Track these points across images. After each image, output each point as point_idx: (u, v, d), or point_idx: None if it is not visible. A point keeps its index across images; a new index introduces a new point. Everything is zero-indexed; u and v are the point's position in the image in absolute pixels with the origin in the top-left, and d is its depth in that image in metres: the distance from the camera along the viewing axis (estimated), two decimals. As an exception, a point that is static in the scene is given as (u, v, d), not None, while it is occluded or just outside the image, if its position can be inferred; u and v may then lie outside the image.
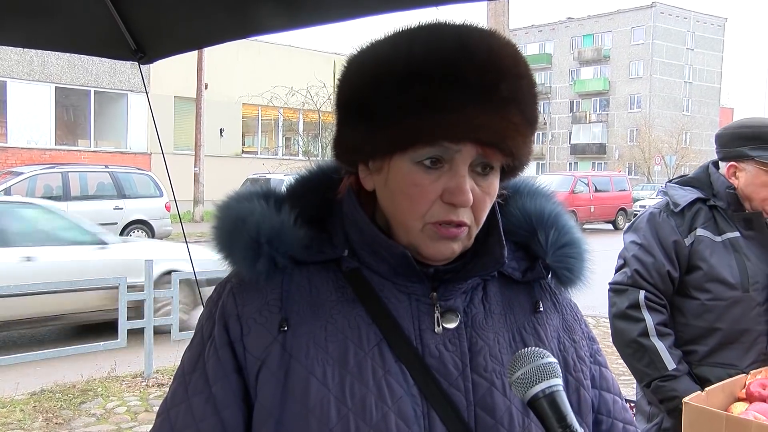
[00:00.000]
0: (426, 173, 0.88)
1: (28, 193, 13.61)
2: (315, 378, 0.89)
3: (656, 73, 64.39)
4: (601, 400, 1.03)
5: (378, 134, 0.88)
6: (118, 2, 2.05)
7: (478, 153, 0.88)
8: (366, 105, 0.89)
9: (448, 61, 0.85)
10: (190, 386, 0.93)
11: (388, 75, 0.87)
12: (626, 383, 6.05)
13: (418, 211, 0.90)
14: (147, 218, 14.64)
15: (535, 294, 1.04)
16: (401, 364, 0.91)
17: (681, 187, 2.35)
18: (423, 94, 0.85)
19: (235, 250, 0.96)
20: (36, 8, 2.08)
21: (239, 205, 0.98)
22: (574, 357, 1.01)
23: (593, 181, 24.70)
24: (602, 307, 2.62)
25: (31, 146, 21.44)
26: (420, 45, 0.87)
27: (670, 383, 2.17)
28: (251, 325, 0.93)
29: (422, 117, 0.85)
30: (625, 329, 2.26)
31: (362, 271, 0.96)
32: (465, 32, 0.89)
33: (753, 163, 2.22)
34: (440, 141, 0.86)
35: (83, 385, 5.59)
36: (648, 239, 2.26)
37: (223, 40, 2.26)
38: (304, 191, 1.02)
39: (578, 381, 1.00)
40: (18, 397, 5.28)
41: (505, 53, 0.89)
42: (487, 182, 0.91)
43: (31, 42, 2.54)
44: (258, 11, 1.94)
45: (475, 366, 0.93)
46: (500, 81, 0.86)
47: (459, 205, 0.88)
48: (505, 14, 8.35)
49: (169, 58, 2.37)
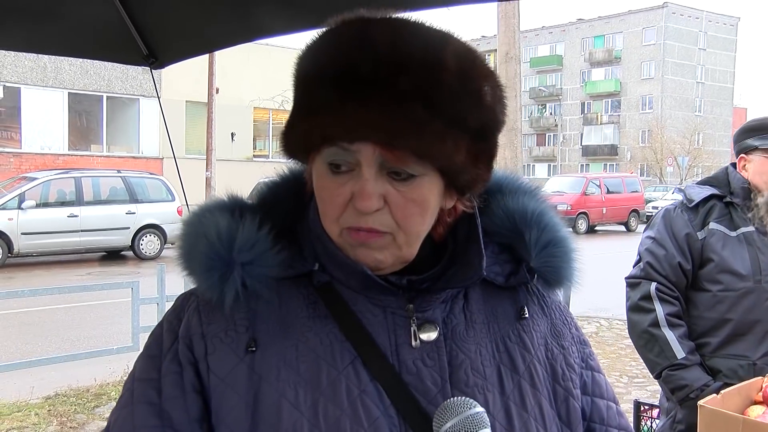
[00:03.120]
0: (334, 176, 0.84)
1: (42, 199, 13.74)
2: (287, 401, 0.83)
3: (668, 73, 64.00)
4: (594, 407, 0.98)
5: (288, 134, 0.87)
6: (130, 8, 2.07)
7: (380, 153, 0.80)
8: (294, 103, 0.87)
9: (346, 57, 0.80)
10: (136, 394, 0.88)
11: (297, 73, 0.86)
12: (640, 386, 6.01)
13: (331, 215, 0.85)
14: (159, 222, 14.71)
15: (520, 299, 0.98)
16: (377, 382, 0.85)
17: (698, 186, 2.42)
18: (322, 92, 0.81)
19: (197, 270, 0.89)
20: (50, 14, 2.09)
21: (201, 220, 0.91)
22: (563, 365, 0.97)
23: (605, 183, 24.59)
24: (615, 309, 2.63)
25: (45, 152, 21.61)
26: (325, 41, 0.84)
27: (680, 372, 2.21)
28: (216, 344, 0.87)
29: (313, 118, 0.82)
30: (638, 320, 2.32)
31: (334, 285, 0.90)
32: (375, 25, 0.83)
33: (758, 153, 2.30)
34: (335, 141, 0.81)
35: (97, 389, 5.62)
36: (661, 233, 2.34)
37: (233, 43, 2.27)
38: (276, 199, 0.96)
39: (567, 390, 0.95)
40: (33, 401, 5.31)
41: (419, 44, 0.81)
42: (408, 187, 0.83)
43: (45, 47, 2.57)
44: (267, 14, 1.95)
45: (455, 381, 0.88)
46: (400, 74, 0.78)
47: (361, 210, 0.82)
48: (515, 16, 8.33)
49: (180, 63, 2.38)
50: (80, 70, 22.12)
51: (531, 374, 0.93)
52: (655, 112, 62.53)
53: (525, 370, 0.93)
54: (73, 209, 13.89)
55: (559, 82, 70.90)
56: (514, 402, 0.91)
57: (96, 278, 11.89)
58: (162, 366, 0.88)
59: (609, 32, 68.04)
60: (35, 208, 13.47)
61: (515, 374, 0.93)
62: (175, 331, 0.90)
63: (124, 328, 6.57)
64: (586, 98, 69.31)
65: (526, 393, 0.92)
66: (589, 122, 68.68)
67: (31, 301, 7.97)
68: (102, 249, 14.70)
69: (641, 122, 63.91)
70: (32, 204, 13.46)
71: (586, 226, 22.97)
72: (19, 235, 13.18)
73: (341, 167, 0.83)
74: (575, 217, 22.50)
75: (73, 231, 13.78)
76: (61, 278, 11.73)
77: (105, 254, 14.93)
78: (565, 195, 23.18)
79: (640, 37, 65.37)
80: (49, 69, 21.63)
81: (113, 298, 8.09)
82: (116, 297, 7.80)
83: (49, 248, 13.78)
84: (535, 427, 0.90)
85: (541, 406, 0.92)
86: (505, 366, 0.93)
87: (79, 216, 13.86)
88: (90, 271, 13.00)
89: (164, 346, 0.90)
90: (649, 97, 64.74)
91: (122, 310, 7.17)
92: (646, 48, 65.02)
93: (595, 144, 67.65)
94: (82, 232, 13.89)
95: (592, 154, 67.35)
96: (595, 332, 7.58)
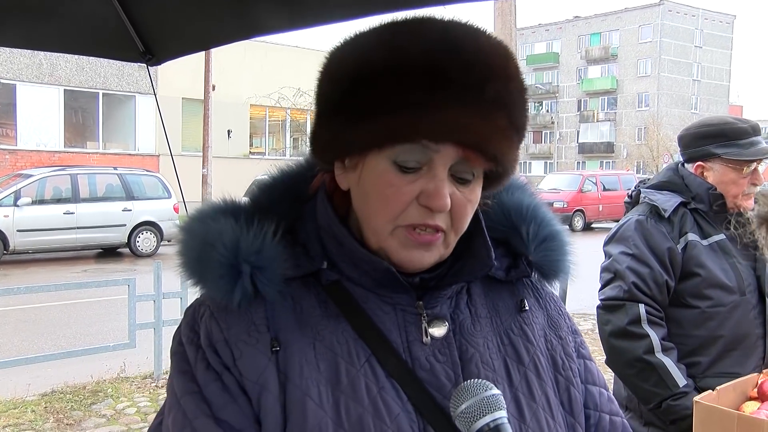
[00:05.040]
0: (403, 174, 0.83)
1: (38, 195, 13.71)
2: (311, 399, 0.83)
3: (664, 71, 64.05)
4: (588, 394, 1.00)
5: (355, 129, 0.83)
6: (127, 4, 2.06)
7: (459, 155, 0.83)
8: (345, 99, 0.84)
9: (430, 56, 0.80)
10: (188, 410, 0.85)
11: (368, 69, 0.82)
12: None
13: (390, 212, 0.85)
14: (156, 220, 14.69)
15: (519, 292, 1.00)
16: (393, 380, 0.86)
17: (660, 193, 2.24)
18: (403, 89, 0.80)
19: (208, 278, 0.88)
20: (45, 10, 2.09)
21: (204, 227, 0.90)
22: (562, 355, 0.98)
23: (601, 180, 24.59)
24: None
25: (41, 149, 21.54)
26: (403, 39, 0.82)
27: (683, 401, 2.03)
28: (242, 348, 0.86)
29: (402, 114, 0.80)
30: (628, 348, 2.10)
31: (343, 283, 0.90)
32: (451, 28, 0.83)
33: (719, 161, 2.18)
34: (419, 139, 0.81)
35: (93, 386, 5.61)
36: (640, 248, 2.13)
37: (230, 40, 2.26)
38: (270, 201, 0.95)
39: (568, 380, 0.97)
40: (29, 398, 5.31)
41: (495, 53, 0.83)
42: (468, 189, 0.86)
43: (40, 44, 2.56)
44: (264, 11, 1.94)
45: (467, 375, 0.89)
46: (486, 82, 0.81)
47: (436, 210, 0.83)
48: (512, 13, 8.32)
49: (177, 60, 2.38)
50: (76, 67, 22.05)
51: (536, 365, 0.95)
52: (652, 109, 62.59)
53: (530, 362, 0.95)
54: (69, 206, 13.86)
55: (556, 79, 70.94)
56: (522, 393, 0.92)
57: (92, 275, 11.86)
58: (197, 377, 0.86)
59: (605, 30, 68.06)
60: (31, 205, 13.44)
61: (521, 366, 0.94)
62: (196, 343, 0.88)
63: (120, 326, 6.56)
64: (582, 96, 69.37)
65: (532, 384, 0.93)
66: (586, 120, 68.74)
67: (27, 299, 7.96)
68: (98, 246, 14.66)
69: (637, 120, 63.96)
70: (28, 201, 13.42)
71: (582, 224, 22.98)
72: (15, 232, 13.14)
73: (410, 165, 0.83)
74: (572, 214, 22.50)
75: (70, 228, 13.75)
76: (58, 275, 11.70)
77: (101, 251, 14.90)
78: (561, 192, 23.19)
79: (636, 34, 65.39)
80: (45, 66, 21.55)
81: (109, 295, 8.08)
82: (112, 294, 7.79)
83: (45, 245, 13.75)
84: (543, 417, 0.92)
85: (548, 395, 0.94)
86: (510, 358, 0.94)
87: (76, 213, 13.83)
88: (86, 268, 12.97)
89: (191, 359, 0.87)
90: (646, 94, 64.80)
91: (118, 307, 7.16)
92: (642, 45, 65.05)
93: (592, 141, 67.73)
94: (78, 229, 13.86)
95: (588, 151, 67.42)
96: (591, 329, 7.61)
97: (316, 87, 0.90)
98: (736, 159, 2.16)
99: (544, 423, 0.91)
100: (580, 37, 69.76)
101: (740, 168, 2.17)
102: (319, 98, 0.90)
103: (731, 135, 2.17)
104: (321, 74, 0.89)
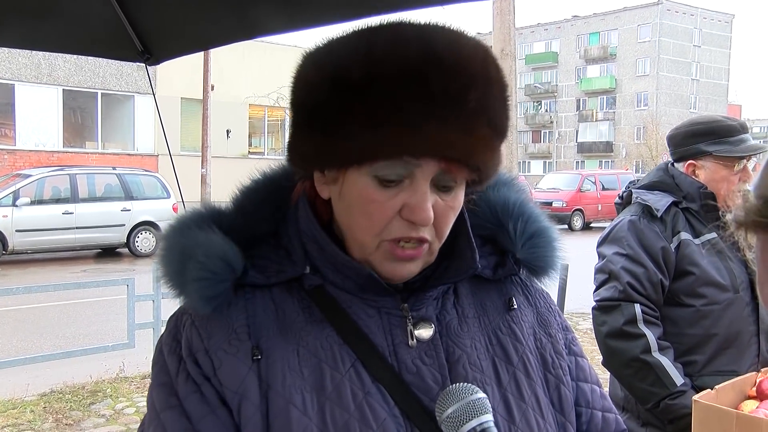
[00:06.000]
0: (384, 188, 0.81)
1: (37, 196, 13.69)
2: (295, 407, 0.82)
3: (663, 70, 64.09)
4: (579, 392, 0.99)
5: (333, 144, 0.80)
6: (125, 4, 2.06)
7: (441, 168, 0.81)
8: (321, 111, 0.81)
9: (410, 66, 0.77)
10: (168, 426, 0.84)
11: (344, 80, 0.78)
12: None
13: (374, 228, 0.83)
14: (155, 220, 14.65)
15: (507, 290, 0.98)
16: (379, 384, 0.85)
17: (651, 192, 2.24)
18: (382, 104, 0.77)
19: (188, 288, 0.87)
20: (43, 10, 2.09)
21: (181, 238, 0.89)
22: (551, 353, 0.97)
23: (600, 180, 24.61)
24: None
25: (39, 149, 21.52)
26: (380, 47, 0.78)
27: (681, 400, 2.04)
28: (222, 357, 0.85)
29: (381, 130, 0.77)
30: (625, 348, 2.11)
31: (327, 288, 0.89)
32: (430, 33, 0.80)
33: (710, 159, 2.19)
34: (402, 155, 0.79)
35: (92, 386, 5.61)
36: (634, 248, 2.14)
37: (230, 41, 2.27)
38: (253, 206, 0.94)
39: (558, 378, 0.96)
40: (28, 398, 5.30)
41: (475, 57, 0.80)
42: (450, 196, 0.85)
43: (39, 44, 2.56)
44: (263, 12, 1.95)
45: (455, 377, 0.88)
46: (468, 90, 0.78)
47: (419, 224, 0.82)
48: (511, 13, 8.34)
49: (175, 60, 2.38)
50: (75, 67, 22.03)
51: (525, 365, 0.94)
52: (650, 108, 62.62)
53: (519, 361, 0.94)
54: (68, 206, 13.84)
55: (555, 79, 70.94)
56: (511, 393, 0.91)
57: (91, 275, 11.85)
58: (178, 390, 0.86)
59: (604, 29, 68.10)
60: (30, 205, 13.42)
61: (510, 366, 0.93)
62: (177, 353, 0.88)
63: (119, 326, 6.55)
64: (581, 95, 69.39)
65: (521, 384, 0.92)
66: (585, 119, 68.77)
67: (26, 299, 7.95)
68: (97, 246, 14.65)
69: (636, 119, 64.00)
70: (27, 201, 13.41)
71: (581, 223, 22.99)
72: (14, 232, 13.13)
73: (391, 179, 0.81)
74: (571, 213, 22.53)
75: (68, 228, 13.74)
76: (56, 275, 11.69)
77: (100, 251, 14.89)
78: (560, 192, 23.21)
79: (635, 34, 65.42)
80: (44, 66, 21.53)
81: (108, 295, 8.07)
82: (111, 294, 7.77)
83: (44, 245, 13.73)
84: (533, 417, 0.91)
85: (537, 395, 0.93)
86: (499, 358, 0.93)
87: (74, 213, 13.81)
88: (85, 268, 12.96)
89: (172, 370, 0.87)
90: (644, 93, 64.83)
91: (117, 307, 7.15)
92: (641, 45, 65.08)
93: (591, 141, 67.76)
94: (77, 229, 13.85)
95: (587, 150, 67.45)
96: (590, 328, 7.60)
97: (291, 92, 0.86)
98: (727, 156, 2.17)
99: (534, 423, 0.90)
100: (578, 36, 69.78)
101: (731, 165, 2.18)
102: (295, 105, 0.86)
103: (721, 133, 2.19)
104: (296, 79, 0.86)
